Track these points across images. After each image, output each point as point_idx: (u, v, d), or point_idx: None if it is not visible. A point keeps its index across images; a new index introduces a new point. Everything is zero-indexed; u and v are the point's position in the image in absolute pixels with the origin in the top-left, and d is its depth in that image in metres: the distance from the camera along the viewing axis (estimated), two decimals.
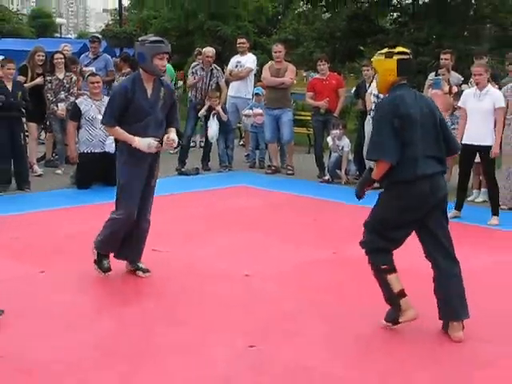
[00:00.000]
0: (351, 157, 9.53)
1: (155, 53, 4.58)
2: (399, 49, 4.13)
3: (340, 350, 3.89)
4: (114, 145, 8.24)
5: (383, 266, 4.10)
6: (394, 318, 4.15)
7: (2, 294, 4.62)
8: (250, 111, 10.41)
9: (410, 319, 4.11)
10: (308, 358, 3.77)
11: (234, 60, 10.60)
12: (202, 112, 9.87)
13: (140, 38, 4.79)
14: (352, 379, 3.55)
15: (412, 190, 4.02)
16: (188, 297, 4.69)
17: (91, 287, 4.81)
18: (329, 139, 9.44)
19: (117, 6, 31.79)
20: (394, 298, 4.09)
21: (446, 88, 8.54)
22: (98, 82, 8.54)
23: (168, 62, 4.92)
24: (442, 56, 8.98)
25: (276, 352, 3.82)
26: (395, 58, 4.07)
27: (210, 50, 10.08)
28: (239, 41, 10.76)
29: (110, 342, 3.94)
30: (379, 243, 4.11)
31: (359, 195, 4.25)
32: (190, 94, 10.41)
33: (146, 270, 4.98)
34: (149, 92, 4.72)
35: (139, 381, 3.46)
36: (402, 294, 4.08)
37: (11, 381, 3.44)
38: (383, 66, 4.10)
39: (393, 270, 4.10)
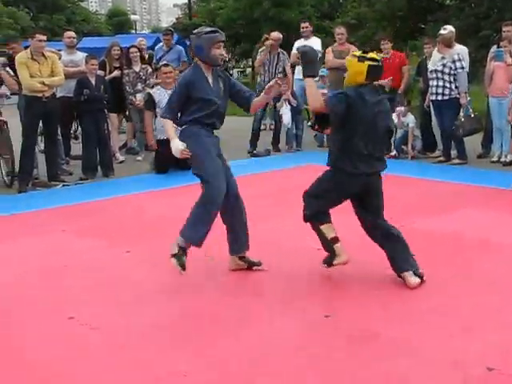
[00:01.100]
0: (417, 132, 9.33)
1: (212, 42, 4.45)
2: (371, 55, 4.27)
3: (407, 317, 3.85)
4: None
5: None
6: (328, 261, 4.44)
7: (89, 271, 4.77)
8: None
9: (343, 262, 4.39)
10: (380, 325, 3.73)
11: (299, 44, 10.47)
12: (280, 105, 9.83)
13: (194, 31, 4.60)
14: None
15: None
16: (262, 271, 4.70)
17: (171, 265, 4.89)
18: (394, 116, 9.25)
19: (186, 0, 32.08)
20: (328, 244, 4.38)
21: (509, 60, 8.23)
22: (170, 72, 8.61)
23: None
24: (504, 28, 8.62)
25: (349, 320, 3.80)
26: (366, 63, 4.22)
27: (276, 34, 10.01)
28: (303, 25, 10.64)
29: (186, 315, 3.98)
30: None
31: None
32: (258, 79, 10.38)
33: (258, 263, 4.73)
34: (210, 81, 4.58)
35: (214, 351, 3.46)
36: (335, 240, 4.36)
37: (108, 353, 3.55)
38: (354, 67, 4.26)
39: (325, 221, 4.39)
